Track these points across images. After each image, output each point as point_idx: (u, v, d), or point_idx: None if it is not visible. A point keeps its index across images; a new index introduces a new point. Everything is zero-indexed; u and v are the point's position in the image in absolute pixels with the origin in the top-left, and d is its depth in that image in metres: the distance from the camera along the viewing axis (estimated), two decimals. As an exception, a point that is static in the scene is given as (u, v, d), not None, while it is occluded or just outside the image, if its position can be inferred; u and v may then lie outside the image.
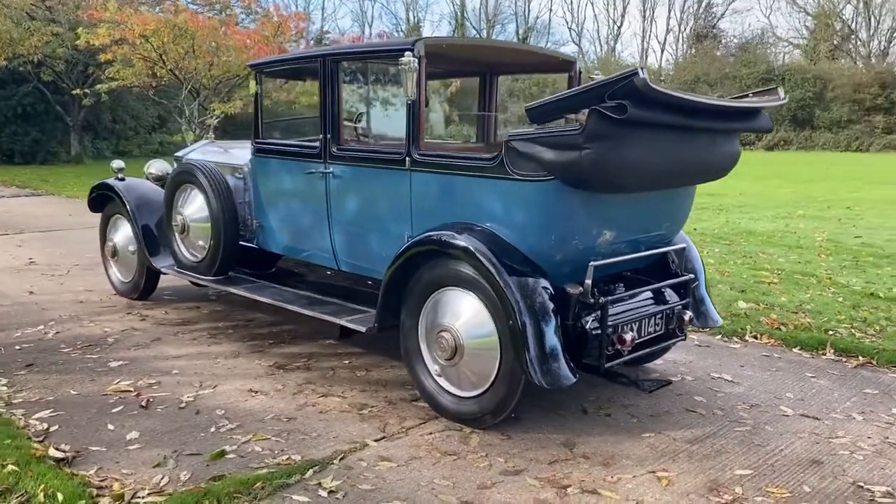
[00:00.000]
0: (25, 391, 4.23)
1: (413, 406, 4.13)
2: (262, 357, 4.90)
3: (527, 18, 47.59)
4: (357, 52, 4.67)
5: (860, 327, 5.65)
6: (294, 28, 17.56)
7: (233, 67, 16.36)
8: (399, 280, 4.02)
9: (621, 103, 3.14)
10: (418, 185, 4.03)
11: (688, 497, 3.19)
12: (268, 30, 16.77)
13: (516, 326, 3.47)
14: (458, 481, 3.29)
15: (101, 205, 6.45)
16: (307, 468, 3.35)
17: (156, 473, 3.30)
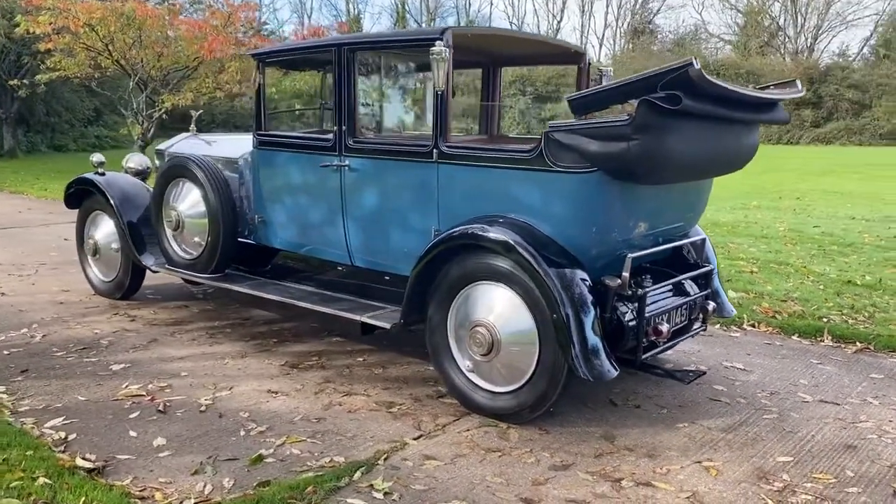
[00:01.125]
0: (29, 398, 4.00)
1: (441, 403, 4.06)
2: (271, 356, 4.75)
3: (468, 12, 47.65)
4: (378, 42, 4.54)
5: (849, 314, 5.82)
6: (244, 18, 17.07)
7: (182, 58, 15.87)
8: (427, 275, 3.94)
9: (675, 94, 3.12)
10: (446, 178, 3.95)
11: (740, 486, 3.21)
12: (217, 20, 16.28)
13: (560, 320, 3.43)
14: (510, 478, 3.24)
15: (79, 201, 6.16)
16: (354, 470, 3.25)
17: (196, 481, 3.16)
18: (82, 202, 6.13)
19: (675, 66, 3.11)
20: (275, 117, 5.29)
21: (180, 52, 15.70)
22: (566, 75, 39.89)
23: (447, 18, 49.78)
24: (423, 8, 46.00)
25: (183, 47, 15.59)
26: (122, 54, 15.08)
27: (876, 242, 9.24)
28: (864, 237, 9.63)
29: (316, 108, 5.68)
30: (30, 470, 3.11)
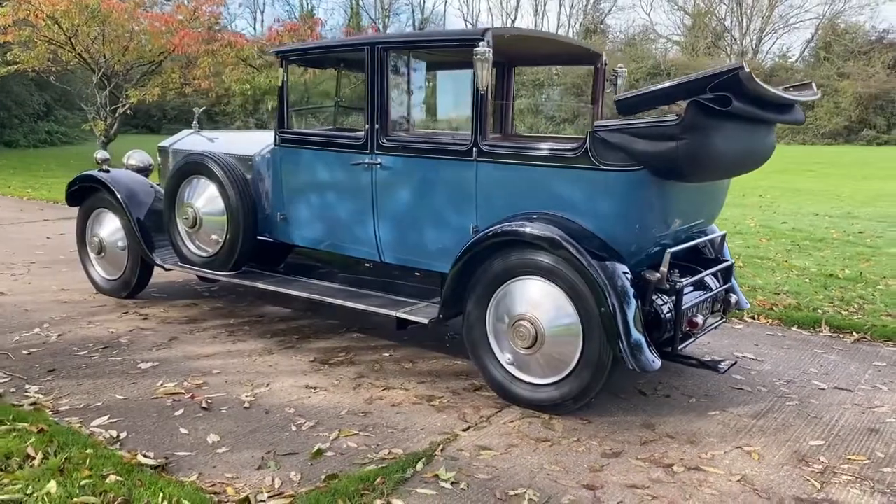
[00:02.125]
0: (66, 398, 3.96)
1: (479, 396, 4.15)
2: (298, 353, 4.78)
3: (422, 9, 47.71)
4: (416, 42, 4.59)
5: (840, 306, 6.10)
6: (208, 13, 16.85)
7: (147, 53, 15.60)
8: (467, 270, 4.02)
9: (726, 96, 3.27)
10: (485, 175, 4.04)
11: (783, 469, 3.38)
12: (182, 14, 16.05)
13: (608, 313, 3.56)
14: (567, 466, 3.35)
15: (80, 199, 6.06)
16: (415, 461, 3.32)
17: (263, 476, 3.19)
18: (84, 200, 6.03)
19: (727, 69, 3.26)
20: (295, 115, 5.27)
21: (145, 46, 15.42)
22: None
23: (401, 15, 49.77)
24: (377, 4, 45.88)
25: (148, 41, 15.32)
26: (85, 48, 14.74)
27: (844, 238, 9.64)
28: (831, 233, 10.03)
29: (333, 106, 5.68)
30: (96, 468, 3.10)
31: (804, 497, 3.13)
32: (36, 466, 3.13)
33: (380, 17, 45.82)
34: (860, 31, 46.46)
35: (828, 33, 46.75)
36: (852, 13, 46.83)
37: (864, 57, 45.22)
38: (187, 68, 15.95)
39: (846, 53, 45.45)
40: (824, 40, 46.37)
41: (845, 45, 45.38)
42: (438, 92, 5.52)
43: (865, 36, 46.59)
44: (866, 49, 45.68)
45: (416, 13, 47.01)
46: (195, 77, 15.69)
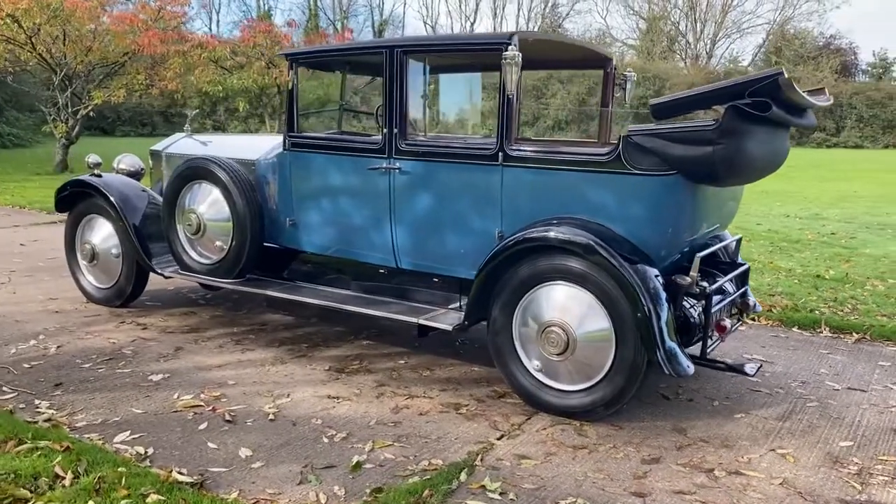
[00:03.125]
0: (80, 413, 3.80)
1: (505, 403, 4.11)
2: (311, 362, 4.68)
3: (381, 11, 47.51)
4: (439, 45, 4.53)
5: (835, 306, 6.21)
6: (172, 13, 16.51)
7: (110, 54, 15.21)
8: (493, 276, 3.98)
9: (765, 101, 3.29)
10: (511, 180, 4.00)
11: (820, 470, 3.41)
12: (146, 14, 15.70)
13: (644, 319, 3.55)
14: (610, 473, 3.33)
15: (69, 205, 5.86)
16: (457, 472, 3.27)
17: (306, 491, 3.10)
18: (73, 206, 5.83)
19: (766, 75, 3.28)
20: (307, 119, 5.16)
21: (108, 46, 15.04)
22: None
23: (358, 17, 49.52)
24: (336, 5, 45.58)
25: (111, 41, 14.94)
26: (46, 48, 14.31)
27: (819, 239, 9.86)
28: (806, 234, 10.26)
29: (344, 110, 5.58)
30: (134, 487, 2.98)
31: (848, 499, 3.15)
32: (68, 487, 2.99)
33: (338, 19, 45.53)
34: (809, 37, 47.81)
35: (778, 38, 47.98)
36: (801, 19, 48.19)
37: (813, 62, 46.50)
38: (153, 69, 15.58)
39: (796, 58, 46.68)
40: (775, 45, 47.57)
41: (795, 49, 46.61)
42: (452, 95, 5.46)
43: (814, 41, 47.93)
44: (815, 54, 47.01)
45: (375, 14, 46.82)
46: (165, 78, 15.32)
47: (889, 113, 40.70)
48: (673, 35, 49.66)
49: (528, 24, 48.69)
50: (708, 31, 48.24)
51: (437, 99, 5.30)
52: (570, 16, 49.44)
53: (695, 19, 48.66)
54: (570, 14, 49.44)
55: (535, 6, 48.09)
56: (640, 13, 50.46)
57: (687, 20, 48.82)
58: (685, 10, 48.71)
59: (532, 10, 48.28)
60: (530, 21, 48.50)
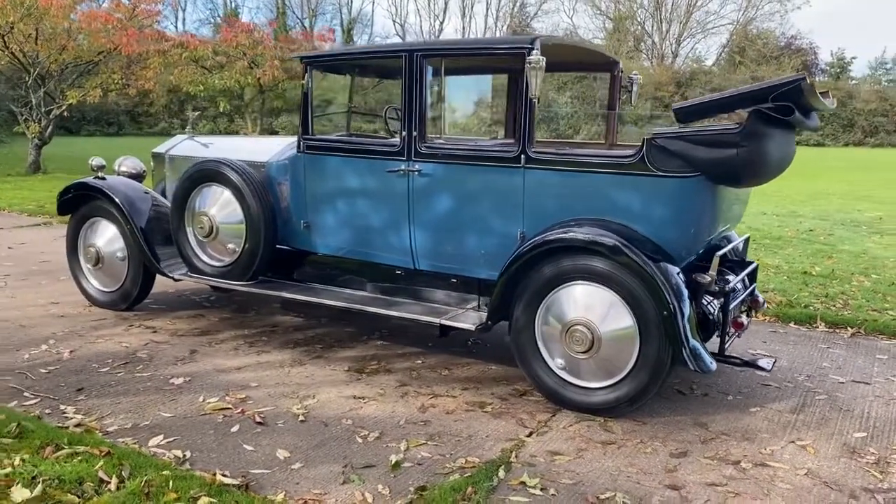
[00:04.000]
0: (109, 418, 3.80)
1: (527, 401, 4.19)
2: (329, 363, 4.71)
3: (350, 8, 47.33)
4: (460, 49, 4.58)
5: (827, 302, 6.40)
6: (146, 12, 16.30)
7: (84, 52, 14.98)
8: (517, 276, 4.05)
9: (788, 105, 3.41)
10: (533, 182, 4.08)
11: (840, 461, 3.54)
12: (121, 12, 15.48)
13: (671, 317, 3.65)
14: (642, 468, 3.42)
15: (71, 208, 5.80)
16: (495, 469, 3.34)
17: (350, 491, 3.14)
18: (76, 209, 5.78)
19: (790, 80, 3.40)
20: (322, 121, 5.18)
21: (82, 44, 14.81)
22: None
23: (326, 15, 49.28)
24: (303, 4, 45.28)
25: (85, 40, 14.71)
26: (19, 47, 14.06)
27: (798, 236, 10.11)
28: (786, 231, 10.51)
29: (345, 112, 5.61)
30: (182, 491, 2.99)
31: (871, 488, 3.28)
32: (114, 491, 2.99)
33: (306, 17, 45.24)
34: (771, 37, 48.69)
35: (742, 39, 48.76)
36: (763, 19, 49.05)
37: (775, 61, 47.40)
38: (129, 68, 15.38)
39: (759, 58, 47.54)
40: (738, 45, 48.37)
41: (758, 49, 47.45)
42: (462, 98, 5.52)
43: (776, 42, 48.83)
44: (777, 54, 47.93)
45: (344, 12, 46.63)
46: (145, 77, 15.12)
47: (848, 112, 41.67)
48: (639, 35, 50.26)
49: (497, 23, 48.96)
50: (673, 31, 48.95)
51: (448, 101, 5.34)
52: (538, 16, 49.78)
53: (660, 19, 49.31)
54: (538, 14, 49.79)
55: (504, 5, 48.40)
56: (606, 13, 50.98)
57: (653, 20, 49.46)
58: (651, 10, 49.32)
59: (500, 9, 48.56)
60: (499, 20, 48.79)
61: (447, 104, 5.19)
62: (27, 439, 3.40)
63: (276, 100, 16.65)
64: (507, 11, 48.42)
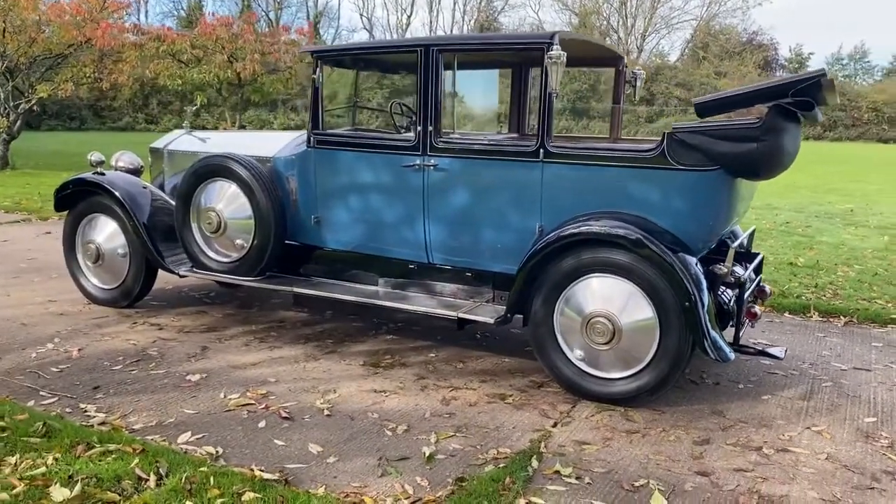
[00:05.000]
0: (132, 416, 3.76)
1: (546, 392, 4.24)
2: (343, 357, 4.71)
3: (316, 3, 46.95)
4: (478, 44, 4.60)
5: (817, 292, 6.57)
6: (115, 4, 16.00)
7: (54, 45, 14.67)
8: (536, 269, 4.10)
9: (808, 100, 3.50)
10: (552, 176, 4.12)
11: (855, 445, 3.66)
12: (91, 4, 15.18)
13: (692, 308, 3.73)
14: (670, 455, 3.50)
15: (68, 204, 5.71)
16: (528, 459, 3.38)
17: (389, 483, 3.17)
18: (73, 205, 5.69)
19: (810, 75, 3.49)
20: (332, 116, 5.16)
21: (51, 37, 14.50)
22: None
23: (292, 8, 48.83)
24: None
25: (55, 33, 14.41)
26: (-14, 39, 13.74)
27: (777, 228, 10.35)
28: (763, 223, 10.73)
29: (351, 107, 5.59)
30: (224, 487, 2.99)
31: (891, 470, 3.40)
32: (155, 489, 2.98)
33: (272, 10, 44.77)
34: (733, 33, 49.46)
35: (705, 34, 49.41)
36: (726, 15, 49.86)
37: (738, 57, 48.15)
38: (101, 61, 15.09)
39: (722, 53, 48.25)
40: (702, 41, 49.03)
41: (721, 45, 48.15)
42: (470, 92, 5.54)
43: (738, 37, 49.61)
44: (739, 49, 48.69)
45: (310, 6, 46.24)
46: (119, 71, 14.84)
47: (809, 106, 42.53)
48: (604, 30, 50.65)
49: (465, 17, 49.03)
50: (638, 27, 49.45)
51: (473, 96, 5.38)
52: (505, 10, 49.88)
53: (625, 14, 49.79)
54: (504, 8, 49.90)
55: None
56: (572, 8, 51.30)
57: (618, 15, 49.92)
58: (616, 5, 49.78)
59: (468, 3, 48.61)
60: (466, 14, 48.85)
61: (459, 99, 5.21)
62: (55, 438, 3.36)
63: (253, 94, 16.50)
64: (474, 5, 48.53)
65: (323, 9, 46.88)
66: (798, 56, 61.02)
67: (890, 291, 6.63)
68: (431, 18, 48.70)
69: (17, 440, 3.33)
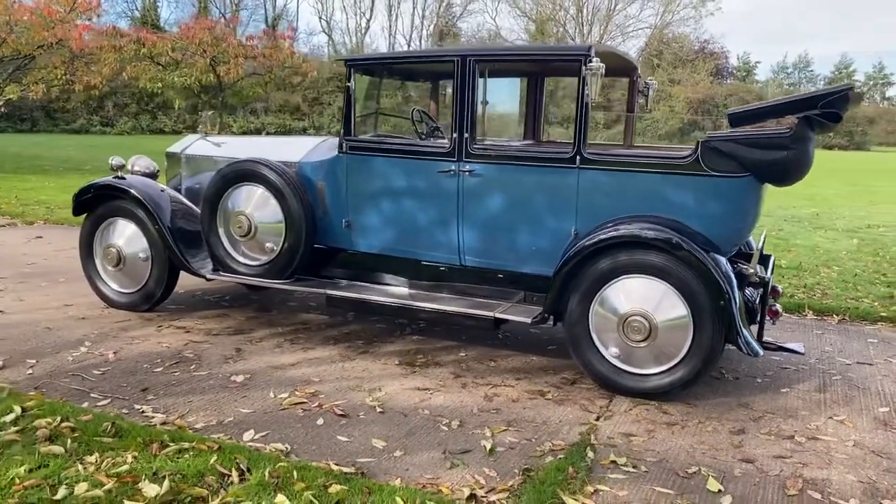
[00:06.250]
0: (190, 416, 3.84)
1: (580, 388, 4.44)
2: (377, 357, 4.84)
3: (274, 4, 46.64)
4: (515, 55, 4.77)
5: (806, 292, 6.91)
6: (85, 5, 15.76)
7: (24, 46, 14.42)
8: (573, 271, 4.29)
9: (836, 112, 3.77)
10: (587, 182, 4.33)
11: (877, 433, 3.93)
12: (60, 5, 14.95)
13: (727, 306, 3.97)
14: (712, 444, 3.72)
15: (85, 208, 5.72)
16: (583, 450, 3.57)
17: (459, 474, 3.31)
18: (91, 209, 5.70)
19: (838, 89, 3.76)
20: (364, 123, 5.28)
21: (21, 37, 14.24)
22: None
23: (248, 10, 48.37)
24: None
25: (24, 33, 14.16)
26: (-46, 40, 13.43)
27: (752, 231, 10.72)
28: (738, 227, 11.10)
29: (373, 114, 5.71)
30: (308, 480, 3.10)
31: (914, 454, 3.67)
32: (239, 484, 3.08)
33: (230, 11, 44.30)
34: (686, 41, 50.63)
35: (659, 42, 50.48)
36: (679, 24, 50.95)
37: (690, 65, 49.29)
38: (71, 63, 14.85)
39: (675, 61, 49.34)
40: (656, 49, 50.10)
41: (674, 52, 49.27)
42: (520, 102, 5.72)
43: (690, 46, 50.81)
44: (692, 58, 49.84)
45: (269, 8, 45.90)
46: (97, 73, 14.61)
47: (759, 113, 43.92)
48: (561, 36, 51.39)
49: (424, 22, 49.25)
50: (595, 34, 50.22)
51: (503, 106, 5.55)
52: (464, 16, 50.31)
53: (581, 22, 50.57)
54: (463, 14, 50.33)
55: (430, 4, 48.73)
56: (529, 15, 51.94)
57: (575, 22, 50.67)
58: (573, 12, 50.56)
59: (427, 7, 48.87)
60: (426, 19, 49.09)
61: (494, 107, 5.37)
62: (126, 438, 3.43)
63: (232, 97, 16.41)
64: (433, 10, 48.82)
65: (281, 11, 46.63)
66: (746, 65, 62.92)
67: (874, 291, 7.01)
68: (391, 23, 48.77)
69: (90, 440, 3.38)
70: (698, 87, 45.09)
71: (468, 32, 50.64)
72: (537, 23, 52.05)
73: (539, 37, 51.63)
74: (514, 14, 60.27)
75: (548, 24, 51.78)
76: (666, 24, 50.73)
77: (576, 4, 49.51)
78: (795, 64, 67.69)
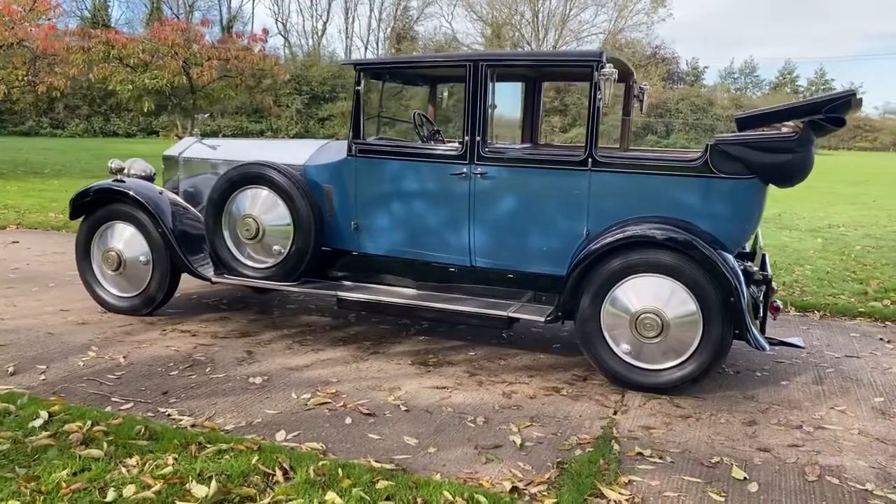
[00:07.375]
0: (217, 418, 3.85)
1: (592, 384, 4.57)
2: (390, 358, 4.90)
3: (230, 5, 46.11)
4: (527, 60, 4.87)
5: (785, 289, 7.17)
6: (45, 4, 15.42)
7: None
8: (586, 271, 4.42)
9: (840, 117, 3.97)
10: (599, 184, 4.46)
11: (877, 421, 4.14)
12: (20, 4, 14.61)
13: (737, 302, 4.14)
14: (728, 435, 3.88)
15: (82, 212, 5.65)
16: (608, 442, 3.69)
17: (496, 468, 3.40)
18: (89, 213, 5.63)
19: (842, 94, 3.96)
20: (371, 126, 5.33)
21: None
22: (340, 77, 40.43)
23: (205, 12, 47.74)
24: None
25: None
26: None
27: (721, 232, 11.03)
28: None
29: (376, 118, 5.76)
30: (354, 476, 3.16)
31: (916, 441, 3.89)
32: (283, 483, 3.11)
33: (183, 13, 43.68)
34: (639, 47, 51.54)
35: (612, 47, 51.20)
36: (632, 30, 51.85)
37: (642, 69, 50.17)
38: (33, 63, 14.50)
39: (628, 66, 50.03)
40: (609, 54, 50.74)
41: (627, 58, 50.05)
42: (507, 104, 5.82)
43: (643, 51, 51.75)
44: (644, 63, 50.77)
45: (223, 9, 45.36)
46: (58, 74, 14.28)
47: (710, 118, 45.04)
48: (517, 41, 51.87)
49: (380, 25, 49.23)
50: (550, 39, 50.83)
51: (508, 110, 5.65)
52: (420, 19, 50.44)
53: (537, 27, 51.11)
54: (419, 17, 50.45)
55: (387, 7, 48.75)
56: (485, 19, 52.31)
57: (530, 27, 51.19)
58: (528, 17, 51.07)
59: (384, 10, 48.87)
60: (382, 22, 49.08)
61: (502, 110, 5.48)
62: (162, 441, 3.43)
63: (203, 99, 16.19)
64: (390, 13, 48.85)
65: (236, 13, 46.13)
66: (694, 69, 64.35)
67: (848, 288, 7.31)
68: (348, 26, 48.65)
69: (125, 443, 3.38)
70: (651, 92, 45.96)
71: (425, 35, 50.84)
72: (493, 27, 52.43)
73: (496, 41, 51.99)
74: (471, 18, 60.69)
75: (504, 29, 52.20)
76: (619, 30, 51.60)
77: (531, 9, 50.04)
78: (742, 69, 69.47)
